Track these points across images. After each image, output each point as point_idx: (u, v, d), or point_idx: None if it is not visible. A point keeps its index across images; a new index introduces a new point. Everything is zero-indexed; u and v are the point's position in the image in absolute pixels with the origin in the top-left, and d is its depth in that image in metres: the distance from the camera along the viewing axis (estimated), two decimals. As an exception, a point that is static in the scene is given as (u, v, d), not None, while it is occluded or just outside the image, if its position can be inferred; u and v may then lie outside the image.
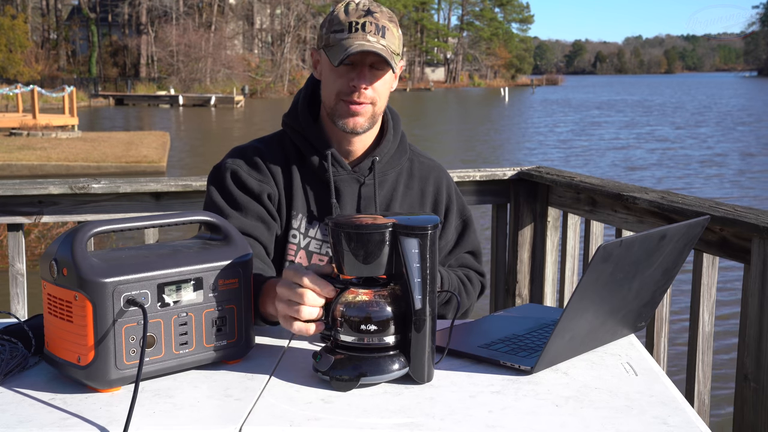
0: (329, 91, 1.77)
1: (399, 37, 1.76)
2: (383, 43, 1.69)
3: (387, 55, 1.68)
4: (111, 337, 1.20)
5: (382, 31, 1.70)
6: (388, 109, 1.90)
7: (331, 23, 1.73)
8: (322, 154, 1.81)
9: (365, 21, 1.69)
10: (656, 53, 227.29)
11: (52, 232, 7.87)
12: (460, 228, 1.93)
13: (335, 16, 1.73)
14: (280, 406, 1.17)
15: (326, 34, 1.73)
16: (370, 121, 1.78)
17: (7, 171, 15.73)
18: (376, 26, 1.70)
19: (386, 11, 1.74)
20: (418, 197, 1.89)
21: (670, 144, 23.80)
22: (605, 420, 1.14)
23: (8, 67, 47.84)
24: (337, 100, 1.75)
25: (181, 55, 57.07)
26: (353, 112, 1.74)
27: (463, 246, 1.93)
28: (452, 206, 1.93)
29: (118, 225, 1.28)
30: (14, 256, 2.87)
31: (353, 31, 1.69)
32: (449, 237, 1.91)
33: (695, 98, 58.39)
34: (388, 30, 1.71)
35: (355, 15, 1.70)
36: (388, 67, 1.72)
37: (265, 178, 1.81)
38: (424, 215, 1.31)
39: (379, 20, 1.71)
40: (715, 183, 16.00)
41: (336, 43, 1.70)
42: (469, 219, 1.96)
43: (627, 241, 1.26)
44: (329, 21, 1.74)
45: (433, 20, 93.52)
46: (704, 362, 2.37)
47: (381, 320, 1.25)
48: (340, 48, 1.68)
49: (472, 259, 1.94)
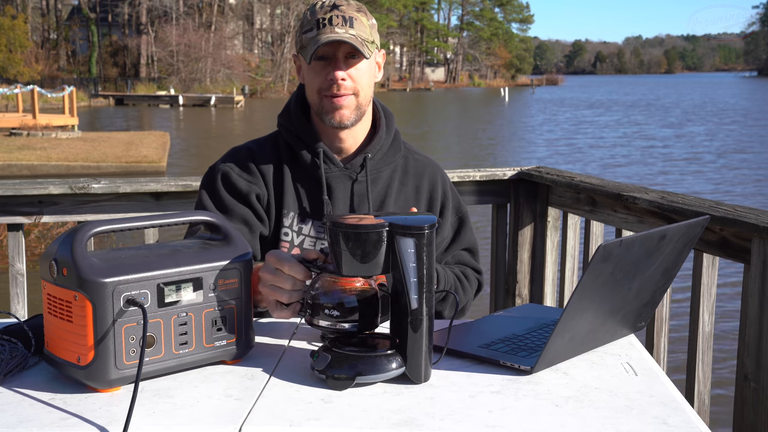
0: (311, 90, 1.81)
1: (370, 25, 1.78)
2: (352, 32, 1.73)
3: (356, 42, 1.71)
4: (111, 337, 1.20)
5: (350, 21, 1.73)
6: (381, 106, 1.92)
7: (302, 25, 1.78)
8: (314, 150, 1.83)
9: (331, 15, 1.73)
10: (656, 53, 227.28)
11: (52, 232, 7.87)
12: (456, 225, 1.94)
13: (305, 17, 1.78)
14: (280, 406, 1.17)
15: (299, 36, 1.78)
16: (356, 113, 1.80)
17: (7, 171, 15.73)
18: (343, 18, 1.73)
19: (354, 3, 1.78)
20: (413, 194, 1.90)
21: (655, 142, 24.30)
22: (605, 420, 1.14)
23: (8, 67, 47.82)
24: (320, 96, 1.79)
25: (181, 55, 57.06)
26: (336, 105, 1.77)
27: (460, 243, 1.94)
28: (448, 203, 1.93)
29: (118, 225, 1.28)
30: (14, 256, 2.87)
31: (321, 27, 1.73)
32: (445, 234, 1.91)
33: (690, 97, 59.01)
34: (356, 20, 1.74)
35: (322, 12, 1.75)
36: (362, 55, 1.74)
37: (255, 178, 1.84)
38: (420, 215, 1.31)
39: (346, 12, 1.74)
40: (691, 179, 16.52)
41: (308, 42, 1.75)
42: (465, 216, 1.96)
43: (627, 241, 1.26)
44: (300, 24, 1.79)
45: (433, 20, 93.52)
46: (704, 362, 2.37)
47: (344, 306, 1.29)
48: (312, 45, 1.73)
49: (468, 257, 1.95)
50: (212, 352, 1.31)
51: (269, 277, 1.38)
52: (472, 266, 1.94)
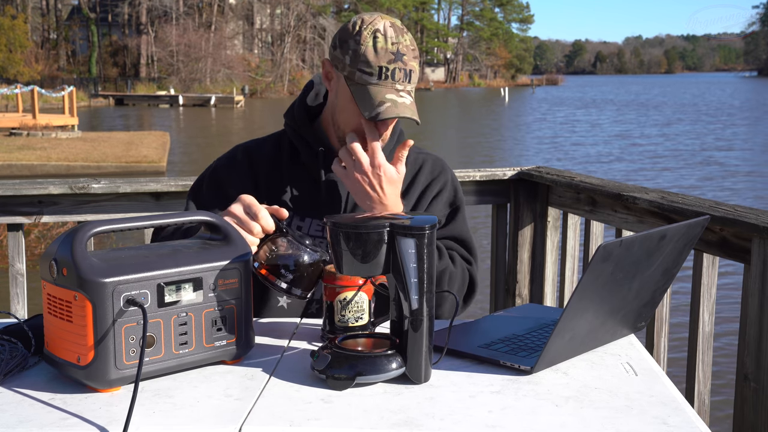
0: (346, 121, 1.77)
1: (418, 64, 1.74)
2: (409, 88, 1.70)
3: (413, 113, 1.69)
4: (111, 337, 1.20)
5: (409, 76, 1.70)
6: None
7: (357, 56, 1.68)
8: (315, 150, 1.83)
9: (395, 68, 1.67)
10: (656, 53, 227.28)
11: (52, 232, 7.87)
12: (447, 215, 1.90)
13: (363, 53, 1.67)
14: (280, 406, 1.17)
15: (351, 65, 1.69)
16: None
17: (7, 171, 15.73)
18: (405, 72, 1.68)
19: (410, 46, 1.70)
20: (408, 186, 1.87)
21: (637, 140, 25.09)
22: (605, 420, 1.14)
23: (8, 67, 47.83)
24: (354, 131, 1.75)
25: (181, 55, 57.07)
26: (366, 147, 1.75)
27: (449, 230, 1.88)
28: (444, 192, 1.90)
29: (118, 225, 1.27)
30: (14, 256, 2.87)
31: (382, 79, 1.67)
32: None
33: (681, 97, 59.57)
34: (414, 72, 1.71)
35: (385, 59, 1.67)
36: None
37: (248, 176, 1.85)
38: (422, 215, 1.31)
39: (407, 63, 1.69)
40: (665, 175, 17.25)
41: (364, 83, 1.68)
42: (459, 207, 1.92)
43: (627, 241, 1.26)
44: (354, 53, 1.68)
45: (433, 20, 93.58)
46: (704, 362, 2.37)
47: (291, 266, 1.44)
48: (368, 96, 1.68)
49: (458, 246, 1.88)
50: (212, 352, 1.31)
51: (241, 214, 1.50)
52: (460, 254, 1.87)
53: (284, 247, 1.48)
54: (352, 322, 1.43)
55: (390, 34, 1.68)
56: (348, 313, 1.43)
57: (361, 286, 1.42)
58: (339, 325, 1.43)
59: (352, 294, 1.42)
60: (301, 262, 1.45)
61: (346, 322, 1.43)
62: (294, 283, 1.45)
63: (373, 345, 1.33)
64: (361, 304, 1.43)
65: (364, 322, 1.44)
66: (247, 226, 1.49)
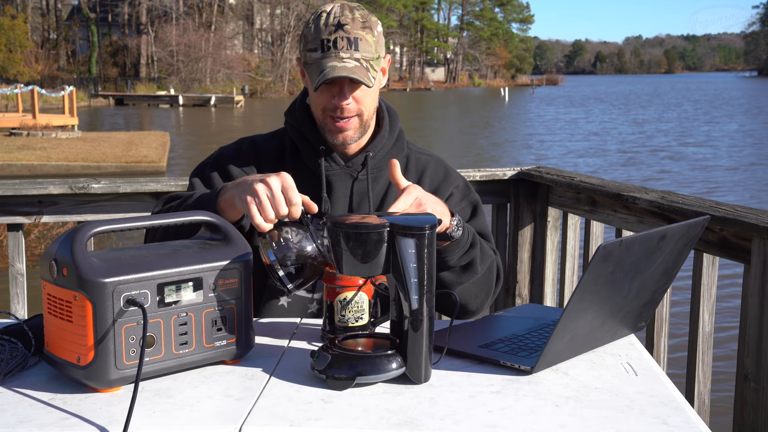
0: (315, 106, 1.80)
1: (375, 40, 1.73)
2: (357, 56, 1.69)
3: (360, 73, 1.68)
4: (111, 337, 1.20)
5: (355, 43, 1.69)
6: (386, 106, 1.91)
7: (306, 39, 1.74)
8: (316, 148, 1.83)
9: (335, 37, 1.69)
10: (656, 53, 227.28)
11: (52, 232, 7.86)
12: (468, 212, 1.90)
13: (309, 31, 1.73)
14: (280, 406, 1.17)
15: (303, 50, 1.75)
16: (359, 131, 1.80)
17: (7, 171, 15.73)
18: (348, 40, 1.69)
19: (358, 17, 1.71)
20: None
21: (608, 137, 26.03)
22: (605, 420, 1.14)
23: (8, 67, 47.81)
24: (324, 115, 1.78)
25: (181, 55, 57.04)
26: (340, 128, 1.77)
27: (474, 226, 1.87)
28: (456, 193, 1.90)
29: (118, 225, 1.28)
30: (14, 256, 2.87)
31: (325, 50, 1.69)
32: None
33: (671, 96, 60.40)
34: (361, 40, 1.70)
35: (326, 32, 1.69)
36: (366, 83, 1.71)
37: (252, 168, 1.84)
38: (421, 215, 1.31)
39: (351, 32, 1.69)
40: (629, 168, 18.15)
41: (312, 62, 1.72)
42: (477, 204, 1.92)
43: (627, 241, 1.26)
44: (305, 36, 1.75)
45: (433, 20, 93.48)
46: (704, 362, 2.37)
47: (294, 258, 1.42)
48: (316, 68, 1.70)
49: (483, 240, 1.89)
50: (212, 352, 1.31)
51: (277, 192, 1.43)
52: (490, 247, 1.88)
53: (298, 239, 1.44)
54: (352, 322, 1.43)
55: (335, 11, 1.71)
56: (348, 313, 1.43)
57: (361, 286, 1.42)
58: (339, 325, 1.43)
59: (352, 294, 1.42)
60: (310, 257, 1.44)
61: (346, 322, 1.43)
62: (295, 277, 1.44)
63: (373, 345, 1.33)
64: (361, 304, 1.43)
65: (364, 322, 1.44)
66: (276, 203, 1.44)
